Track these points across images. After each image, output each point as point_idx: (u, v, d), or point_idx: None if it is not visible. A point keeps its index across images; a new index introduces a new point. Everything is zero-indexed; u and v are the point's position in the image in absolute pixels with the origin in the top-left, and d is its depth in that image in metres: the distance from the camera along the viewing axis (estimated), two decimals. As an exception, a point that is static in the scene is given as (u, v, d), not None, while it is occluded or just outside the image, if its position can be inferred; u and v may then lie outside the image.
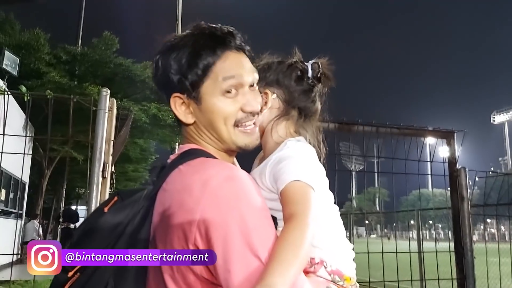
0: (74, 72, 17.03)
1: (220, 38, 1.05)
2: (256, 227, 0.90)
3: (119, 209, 0.97)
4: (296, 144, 1.21)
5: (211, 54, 1.03)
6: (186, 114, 1.07)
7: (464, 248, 2.63)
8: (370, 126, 2.46)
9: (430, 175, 3.05)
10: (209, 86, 1.03)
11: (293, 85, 1.30)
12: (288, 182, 1.07)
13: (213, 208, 0.89)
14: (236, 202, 0.90)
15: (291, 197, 1.05)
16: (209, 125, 1.06)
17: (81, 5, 24.46)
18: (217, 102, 1.03)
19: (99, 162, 2.21)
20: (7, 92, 2.54)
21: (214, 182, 0.92)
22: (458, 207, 2.66)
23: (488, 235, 18.29)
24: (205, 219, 0.88)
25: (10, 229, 11.04)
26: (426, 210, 12.24)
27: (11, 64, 12.45)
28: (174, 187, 0.97)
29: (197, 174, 0.95)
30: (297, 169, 1.10)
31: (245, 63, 1.08)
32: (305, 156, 1.17)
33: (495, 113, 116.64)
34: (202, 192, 0.91)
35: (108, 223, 0.95)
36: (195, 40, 1.05)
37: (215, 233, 0.87)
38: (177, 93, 1.06)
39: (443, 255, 2.95)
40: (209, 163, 1.00)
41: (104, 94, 2.29)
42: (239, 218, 0.88)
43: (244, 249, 0.86)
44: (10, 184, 12.65)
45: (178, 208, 0.92)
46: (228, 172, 0.96)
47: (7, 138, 2.47)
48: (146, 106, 15.68)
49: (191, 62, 1.03)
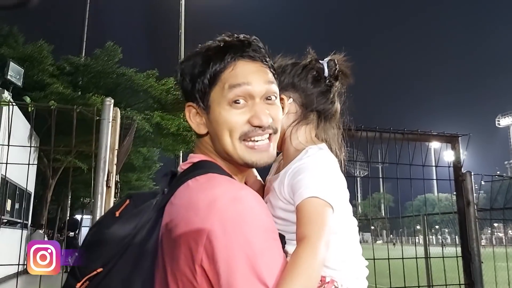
0: (78, 83, 17.13)
1: (232, 46, 1.02)
2: (263, 251, 0.87)
3: (128, 219, 0.96)
4: (317, 152, 1.15)
5: (219, 61, 1.00)
6: (199, 124, 1.05)
7: (471, 253, 2.60)
8: (374, 132, 2.45)
9: (436, 180, 3.03)
10: (216, 94, 1.00)
11: (310, 88, 1.25)
12: (305, 197, 1.03)
13: (219, 229, 0.86)
14: (242, 225, 0.87)
15: (306, 215, 1.01)
16: (216, 137, 1.02)
17: (84, 17, 24.67)
18: (222, 111, 0.99)
19: (103, 172, 2.21)
20: (11, 103, 2.55)
21: (220, 203, 0.89)
22: (464, 211, 2.64)
23: (495, 239, 18.17)
24: (211, 241, 0.85)
25: (16, 239, 11.05)
26: (432, 215, 12.17)
27: (16, 75, 12.54)
28: (181, 203, 0.95)
29: (204, 192, 0.93)
30: (316, 183, 1.05)
31: (257, 72, 1.02)
32: (326, 168, 1.11)
33: (500, 117, 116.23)
34: (207, 213, 0.88)
35: (117, 233, 0.94)
36: (208, 48, 1.03)
37: (221, 256, 0.85)
38: (190, 103, 1.04)
39: (451, 260, 2.92)
40: (217, 180, 0.97)
41: (108, 103, 2.29)
42: (245, 242, 0.86)
43: (249, 274, 0.84)
44: (16, 194, 12.68)
45: (185, 226, 0.90)
46: (234, 193, 0.92)
47: (12, 149, 2.48)
48: (149, 115, 15.73)
49: (201, 70, 1.02)
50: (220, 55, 1.00)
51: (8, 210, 12.01)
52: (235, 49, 1.01)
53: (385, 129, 2.50)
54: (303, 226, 0.99)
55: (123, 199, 1.02)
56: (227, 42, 1.02)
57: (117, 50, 16.99)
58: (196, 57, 1.04)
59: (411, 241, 19.21)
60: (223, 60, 1.00)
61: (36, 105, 2.81)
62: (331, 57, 1.28)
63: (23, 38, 17.24)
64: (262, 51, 1.04)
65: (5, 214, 11.66)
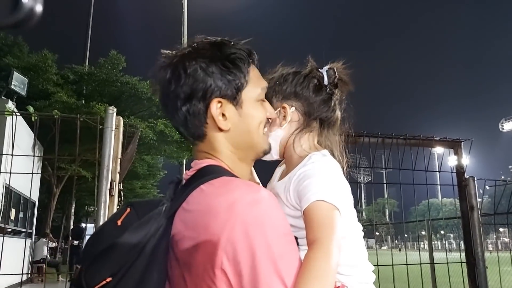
0: (82, 92, 17.23)
1: (246, 48, 1.09)
2: (283, 253, 0.88)
3: (139, 227, 0.94)
4: (321, 159, 1.18)
5: (247, 60, 1.07)
6: (224, 120, 1.05)
7: (476, 258, 2.59)
8: (376, 138, 2.45)
9: (439, 185, 3.02)
10: (250, 90, 1.07)
11: (312, 96, 1.27)
12: (312, 201, 1.05)
13: (240, 232, 0.87)
14: (262, 227, 0.89)
15: (315, 219, 1.03)
16: (247, 130, 1.08)
17: (88, 26, 24.85)
18: (256, 107, 1.09)
19: (106, 180, 2.22)
20: (15, 113, 2.57)
21: (240, 205, 0.90)
22: (468, 216, 2.63)
23: (501, 244, 18.02)
24: (233, 243, 0.86)
25: (20, 248, 11.04)
26: (436, 220, 12.08)
27: (20, 84, 12.62)
28: (198, 208, 0.95)
29: (222, 196, 0.93)
30: (322, 188, 1.07)
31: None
32: (330, 173, 1.14)
33: (504, 121, 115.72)
34: (228, 216, 0.89)
35: (129, 241, 0.92)
36: (229, 47, 1.06)
37: (244, 258, 0.86)
38: (218, 98, 1.03)
39: (456, 265, 2.91)
40: (233, 183, 0.98)
41: (111, 112, 2.31)
42: (266, 244, 0.87)
43: (272, 275, 0.85)
44: (20, 203, 12.71)
45: (203, 231, 0.90)
46: (254, 195, 0.93)
47: (17, 158, 2.51)
48: (153, 123, 15.78)
49: (235, 66, 1.05)
50: (247, 55, 1.08)
51: (12, 219, 12.03)
52: (251, 52, 1.10)
53: (387, 134, 2.50)
54: (314, 229, 1.01)
55: (123, 208, 1.02)
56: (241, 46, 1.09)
57: (120, 58, 17.08)
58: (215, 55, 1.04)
59: (416, 247, 19.10)
60: (248, 61, 1.08)
61: (40, 115, 2.83)
62: (330, 65, 1.30)
63: (27, 47, 17.39)
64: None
65: (10, 223, 11.68)
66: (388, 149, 2.50)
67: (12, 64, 14.95)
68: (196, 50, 1.07)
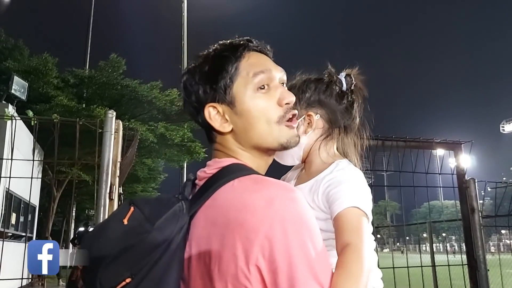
0: (82, 95, 17.25)
1: (237, 43, 1.06)
2: (318, 253, 0.88)
3: (165, 224, 0.91)
4: (348, 166, 1.21)
5: (234, 54, 1.04)
6: (222, 123, 1.04)
7: (477, 261, 2.58)
8: (376, 140, 2.45)
9: (439, 187, 3.02)
10: (240, 85, 1.03)
11: (335, 104, 1.30)
12: (346, 207, 1.09)
13: (278, 229, 0.86)
14: (300, 226, 0.88)
15: (349, 223, 1.07)
16: (249, 126, 1.03)
17: (88, 29, 24.93)
18: (252, 99, 1.02)
19: (105, 184, 2.22)
20: (14, 117, 2.57)
21: (279, 202, 0.89)
22: (469, 218, 2.63)
23: (503, 246, 17.95)
24: (270, 240, 0.85)
25: (20, 253, 11.00)
26: (438, 222, 12.07)
27: (20, 89, 12.64)
28: (230, 204, 0.93)
29: (258, 193, 0.92)
30: (354, 195, 1.12)
31: (270, 60, 1.09)
32: (359, 180, 1.18)
33: (505, 123, 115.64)
34: (266, 212, 0.88)
35: (156, 240, 0.89)
36: (215, 52, 1.06)
37: (280, 255, 0.85)
38: (209, 103, 1.04)
39: (458, 268, 2.89)
40: (266, 181, 0.96)
41: (110, 116, 2.31)
42: (304, 243, 0.87)
43: (308, 275, 0.84)
44: (20, 207, 12.70)
45: (238, 227, 0.88)
46: (291, 194, 0.92)
47: (17, 162, 2.50)
48: (153, 126, 15.79)
49: (216, 67, 1.03)
50: (232, 49, 1.04)
51: (13, 224, 12.02)
52: (243, 45, 1.06)
53: (387, 137, 2.49)
54: (347, 234, 1.05)
55: (126, 206, 0.96)
56: (232, 42, 1.07)
57: (121, 62, 17.11)
58: (203, 62, 1.06)
59: (418, 249, 19.07)
60: (237, 53, 1.04)
61: (39, 119, 2.83)
62: (346, 71, 1.33)
63: (28, 51, 17.43)
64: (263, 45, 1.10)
65: (10, 228, 11.67)
66: (388, 152, 2.50)
67: (12, 67, 14.99)
68: (194, 65, 1.08)
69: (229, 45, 1.06)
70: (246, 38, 1.08)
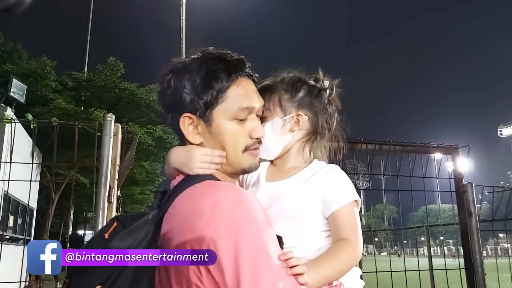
0: (80, 98, 17.22)
1: (233, 63, 1.08)
2: (265, 251, 0.91)
3: (127, 234, 0.97)
4: (328, 165, 1.29)
5: (226, 78, 1.06)
6: (194, 134, 1.08)
7: (474, 265, 2.59)
8: (374, 144, 2.46)
9: (437, 191, 3.03)
10: (222, 109, 1.06)
11: (322, 110, 1.34)
12: (343, 205, 1.17)
13: (224, 230, 0.90)
14: (245, 226, 0.92)
15: (346, 220, 1.16)
16: (218, 147, 1.08)
17: (86, 33, 24.92)
18: (227, 126, 1.07)
19: (104, 187, 2.22)
20: (13, 120, 2.58)
21: (224, 204, 0.93)
22: (466, 223, 2.63)
23: (501, 250, 17.95)
24: (215, 242, 0.89)
25: (18, 256, 10.96)
26: (435, 226, 12.07)
27: (19, 91, 12.61)
28: (183, 211, 0.97)
29: (207, 197, 0.96)
30: (349, 191, 1.21)
31: (255, 91, 1.12)
32: (345, 175, 1.26)
33: (502, 127, 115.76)
34: (212, 215, 0.92)
35: (117, 248, 0.94)
36: (209, 63, 1.07)
37: (225, 256, 0.88)
38: (187, 113, 1.07)
39: (455, 271, 2.90)
40: (217, 185, 1.01)
41: (109, 119, 2.31)
42: (249, 242, 0.90)
43: (255, 270, 0.87)
44: (18, 210, 12.65)
45: (189, 231, 0.93)
46: (237, 195, 0.97)
47: (15, 165, 2.50)
48: (151, 129, 15.78)
49: (206, 84, 1.05)
50: (225, 71, 1.06)
51: (10, 226, 11.97)
52: (237, 68, 1.08)
53: (384, 141, 2.51)
54: (346, 230, 1.15)
55: (110, 222, 1.04)
56: (227, 59, 1.08)
57: (119, 65, 17.08)
58: (195, 70, 1.07)
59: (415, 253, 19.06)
60: (230, 77, 1.06)
61: (38, 122, 2.83)
62: (330, 81, 1.37)
63: (26, 54, 17.42)
64: (252, 68, 1.14)
65: (8, 230, 11.62)
66: (386, 155, 2.51)
67: (11, 70, 14.97)
68: (186, 64, 1.10)
69: (224, 63, 1.08)
70: (241, 59, 1.10)
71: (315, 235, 1.19)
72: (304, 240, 1.17)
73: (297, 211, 1.20)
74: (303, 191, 1.22)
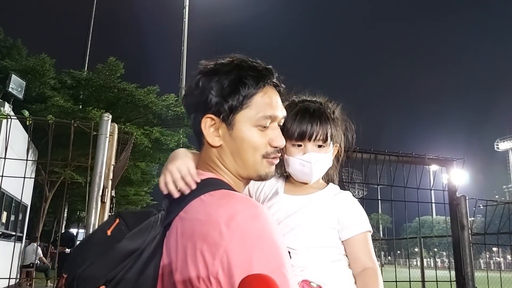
0: (78, 97, 17.20)
1: (262, 72, 1.10)
2: (279, 268, 0.90)
3: (137, 234, 0.96)
4: (350, 194, 1.41)
5: (254, 84, 1.07)
6: (214, 136, 1.09)
7: (465, 278, 2.59)
8: (369, 154, 2.46)
9: (430, 203, 3.04)
10: (245, 115, 1.07)
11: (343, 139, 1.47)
12: (363, 231, 1.32)
13: (238, 245, 0.89)
14: (260, 242, 0.91)
15: (368, 247, 1.32)
16: (236, 152, 1.09)
17: (88, 32, 24.92)
18: (249, 132, 1.08)
19: (98, 187, 2.21)
20: (9, 116, 2.57)
21: (240, 218, 0.92)
22: (459, 235, 2.64)
23: (494, 264, 17.97)
24: (229, 255, 0.88)
25: (9, 252, 10.91)
26: (428, 237, 12.08)
27: (17, 87, 12.59)
28: (197, 217, 0.97)
29: (223, 208, 0.95)
30: (365, 219, 1.36)
31: (279, 101, 1.14)
32: (361, 206, 1.40)
33: (499, 141, 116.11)
34: (227, 228, 0.91)
35: (126, 248, 0.93)
36: (239, 68, 1.09)
37: (238, 270, 0.86)
38: (210, 114, 1.08)
39: (447, 284, 2.90)
40: (234, 197, 1.01)
41: (106, 119, 2.31)
42: (264, 258, 0.89)
43: None
44: (12, 206, 12.58)
45: (202, 240, 0.92)
46: (254, 210, 0.96)
47: (10, 161, 2.49)
48: (148, 130, 15.76)
49: (234, 88, 1.06)
50: (253, 78, 1.08)
51: (3, 222, 11.90)
52: (265, 76, 1.10)
53: (379, 151, 2.51)
54: (365, 258, 1.30)
55: (112, 218, 1.02)
56: (256, 67, 1.10)
57: (119, 65, 17.07)
58: (225, 74, 1.08)
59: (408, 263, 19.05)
60: (257, 85, 1.08)
61: (35, 119, 2.83)
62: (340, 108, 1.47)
63: (26, 50, 17.41)
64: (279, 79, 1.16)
65: (0, 226, 11.55)
66: (381, 165, 2.51)
67: (10, 66, 14.96)
68: (216, 66, 1.11)
69: (254, 70, 1.09)
70: (269, 69, 1.12)
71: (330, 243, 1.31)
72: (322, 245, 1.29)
73: (317, 221, 1.32)
74: (324, 207, 1.34)
